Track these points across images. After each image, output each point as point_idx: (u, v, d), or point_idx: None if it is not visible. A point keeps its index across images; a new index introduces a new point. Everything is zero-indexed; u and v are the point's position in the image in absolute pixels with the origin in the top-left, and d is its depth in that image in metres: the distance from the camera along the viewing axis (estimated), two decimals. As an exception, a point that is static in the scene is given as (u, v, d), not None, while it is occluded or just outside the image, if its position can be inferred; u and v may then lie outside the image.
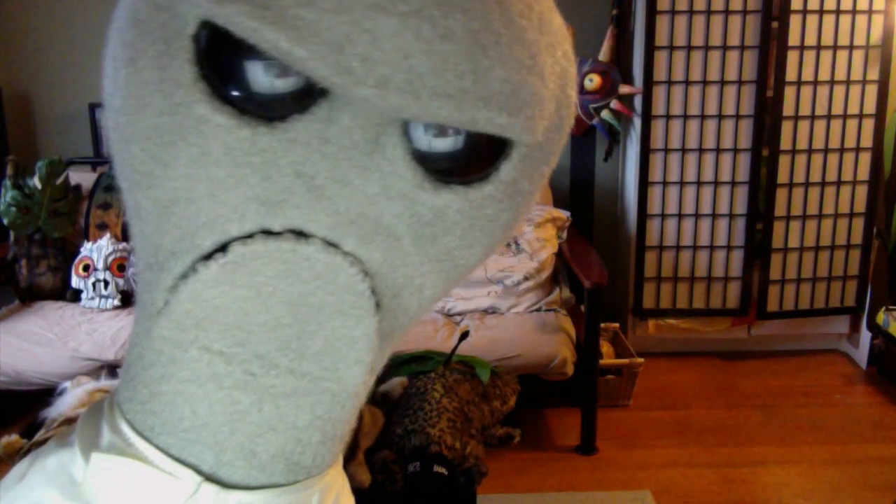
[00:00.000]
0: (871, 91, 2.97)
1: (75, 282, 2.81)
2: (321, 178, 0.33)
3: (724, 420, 2.71)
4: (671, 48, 2.94)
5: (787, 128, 2.98)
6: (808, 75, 2.95)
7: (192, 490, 0.36)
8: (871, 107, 2.98)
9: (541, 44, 0.33)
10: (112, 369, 2.28)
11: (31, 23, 3.18)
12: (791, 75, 2.93)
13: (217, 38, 0.31)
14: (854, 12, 2.91)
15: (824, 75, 2.95)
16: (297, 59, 0.29)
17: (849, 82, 2.96)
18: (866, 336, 3.09)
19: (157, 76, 0.32)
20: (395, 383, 1.88)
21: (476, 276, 2.73)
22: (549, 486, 2.32)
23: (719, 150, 3.01)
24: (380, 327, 0.36)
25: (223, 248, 0.34)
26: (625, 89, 3.02)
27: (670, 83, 2.97)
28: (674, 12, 2.91)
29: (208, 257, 0.34)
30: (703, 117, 2.99)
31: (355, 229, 0.34)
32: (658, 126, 3.00)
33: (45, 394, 1.81)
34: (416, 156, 0.33)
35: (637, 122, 3.05)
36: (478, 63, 0.30)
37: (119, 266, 2.80)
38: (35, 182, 2.87)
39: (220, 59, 0.32)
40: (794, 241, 3.09)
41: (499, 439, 2.29)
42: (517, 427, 2.35)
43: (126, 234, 2.75)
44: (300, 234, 0.34)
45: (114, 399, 0.39)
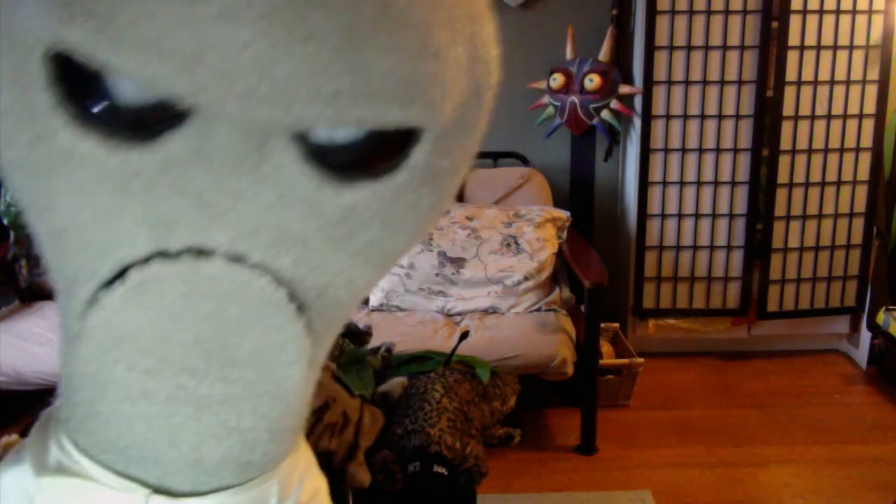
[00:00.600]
0: (871, 91, 2.97)
1: (75, 282, 2.81)
2: (209, 195, 0.31)
3: (724, 420, 2.71)
4: (671, 48, 2.94)
5: (787, 128, 2.98)
6: (808, 75, 2.95)
7: (142, 503, 0.36)
8: (871, 107, 2.98)
9: (432, 21, 0.30)
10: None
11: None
12: (791, 75, 2.93)
13: (68, 59, 0.28)
14: (854, 12, 2.91)
15: (824, 75, 2.95)
16: (146, 80, 0.27)
17: (849, 82, 2.96)
18: (866, 336, 3.08)
19: (17, 106, 0.30)
20: (395, 383, 1.88)
21: (476, 276, 2.73)
22: (549, 486, 2.32)
23: (719, 150, 3.01)
24: (310, 327, 0.35)
25: (122, 273, 0.32)
26: (625, 89, 3.02)
27: (670, 83, 2.97)
28: (674, 12, 2.91)
29: (111, 282, 0.33)
30: (703, 117, 2.99)
31: (259, 240, 0.32)
32: (658, 126, 3.00)
33: (45, 394, 1.80)
34: (314, 155, 0.31)
35: (637, 122, 3.05)
36: (352, 60, 0.27)
37: (119, 266, 2.80)
38: (35, 182, 2.87)
39: (76, 80, 0.29)
40: (794, 241, 3.08)
41: (499, 439, 2.28)
42: (517, 427, 2.34)
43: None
44: (201, 252, 0.32)
45: (59, 415, 0.38)
